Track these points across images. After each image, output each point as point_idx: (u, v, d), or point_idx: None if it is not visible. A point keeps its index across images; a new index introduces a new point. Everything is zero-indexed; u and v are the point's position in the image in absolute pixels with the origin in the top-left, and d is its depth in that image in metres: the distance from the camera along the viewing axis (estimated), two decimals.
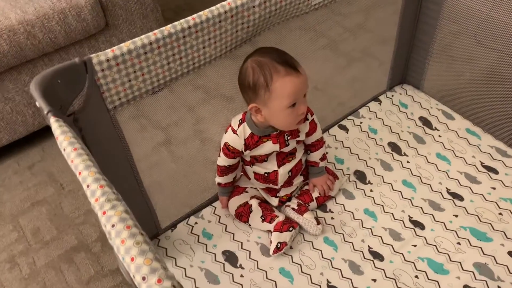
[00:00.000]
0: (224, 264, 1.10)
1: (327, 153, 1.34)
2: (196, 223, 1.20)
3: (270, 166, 1.10)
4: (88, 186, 0.58)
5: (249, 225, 1.16)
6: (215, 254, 1.12)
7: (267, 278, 1.07)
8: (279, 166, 1.10)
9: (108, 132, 0.87)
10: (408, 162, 1.30)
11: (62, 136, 0.64)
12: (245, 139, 1.05)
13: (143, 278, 0.49)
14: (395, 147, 1.34)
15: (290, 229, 1.10)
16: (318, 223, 1.13)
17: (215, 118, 1.73)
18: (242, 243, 1.14)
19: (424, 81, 1.48)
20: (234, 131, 1.05)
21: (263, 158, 1.09)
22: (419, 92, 1.50)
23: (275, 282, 1.06)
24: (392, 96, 1.50)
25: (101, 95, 0.81)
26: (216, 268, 1.09)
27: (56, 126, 0.65)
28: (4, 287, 1.29)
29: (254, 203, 1.15)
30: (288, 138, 1.05)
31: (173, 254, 1.13)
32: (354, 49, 1.99)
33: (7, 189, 1.53)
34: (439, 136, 1.36)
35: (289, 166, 1.11)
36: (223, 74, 1.13)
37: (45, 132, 1.68)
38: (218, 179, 1.16)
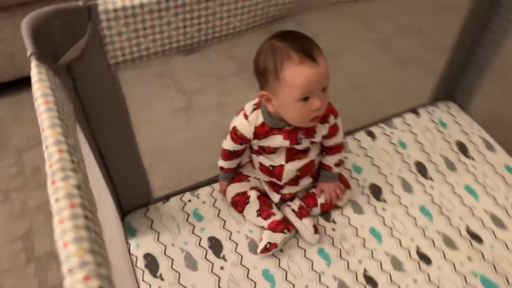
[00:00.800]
0: (207, 251, 1.03)
1: (346, 158, 1.24)
2: (190, 200, 1.13)
3: (278, 159, 1.01)
4: (46, 147, 0.51)
5: (244, 216, 1.09)
6: (200, 238, 1.05)
7: (247, 276, 0.99)
8: (286, 162, 1.01)
9: (106, 88, 0.80)
10: (431, 187, 1.17)
11: (38, 85, 0.57)
12: (255, 127, 0.96)
13: (69, 271, 0.42)
14: (421, 168, 1.21)
15: (284, 231, 1.02)
16: (316, 231, 1.03)
17: (241, 93, 1.65)
18: (231, 233, 1.07)
19: (472, 102, 1.33)
20: (245, 116, 0.96)
21: (272, 150, 0.99)
22: (463, 114, 1.35)
23: (255, 283, 0.98)
24: (433, 111, 1.36)
25: (102, 47, 0.73)
26: (198, 254, 1.03)
27: (35, 71, 0.58)
28: None
29: (253, 194, 1.06)
30: (302, 137, 0.95)
31: (158, 227, 1.07)
32: (402, 51, 1.83)
33: (18, 122, 1.51)
34: (474, 166, 1.22)
35: (298, 164, 1.02)
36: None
37: None
38: (221, 163, 1.08)
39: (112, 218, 0.94)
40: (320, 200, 1.09)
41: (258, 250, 1.01)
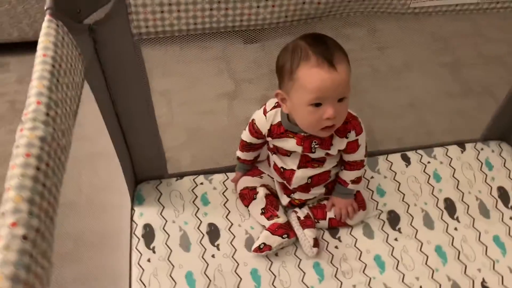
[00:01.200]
0: (203, 236, 1.03)
1: (372, 177, 1.17)
2: (202, 183, 1.13)
3: (290, 163, 0.98)
4: (29, 97, 0.54)
5: (249, 211, 1.07)
6: (201, 222, 1.06)
7: (235, 271, 0.98)
8: (298, 167, 0.97)
9: (127, 57, 0.82)
10: (455, 229, 1.07)
11: (42, 38, 0.59)
12: (271, 125, 0.94)
13: (2, 214, 0.44)
14: (450, 206, 1.11)
15: (283, 236, 0.99)
16: (316, 245, 0.99)
17: None
18: (232, 224, 1.06)
19: None
20: (265, 112, 0.95)
21: (285, 153, 0.97)
22: None
23: (241, 279, 0.97)
24: (481, 149, 1.24)
25: (127, 16, 0.75)
26: (194, 236, 1.03)
27: (45, 25, 0.61)
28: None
29: (261, 192, 1.05)
30: (316, 146, 0.91)
31: (164, 202, 1.09)
32: (470, 80, 1.70)
33: None
34: (511, 218, 1.10)
35: (310, 171, 0.98)
36: None
37: None
38: (238, 153, 1.08)
39: (117, 183, 0.97)
40: (330, 214, 1.04)
41: (252, 248, 0.99)
